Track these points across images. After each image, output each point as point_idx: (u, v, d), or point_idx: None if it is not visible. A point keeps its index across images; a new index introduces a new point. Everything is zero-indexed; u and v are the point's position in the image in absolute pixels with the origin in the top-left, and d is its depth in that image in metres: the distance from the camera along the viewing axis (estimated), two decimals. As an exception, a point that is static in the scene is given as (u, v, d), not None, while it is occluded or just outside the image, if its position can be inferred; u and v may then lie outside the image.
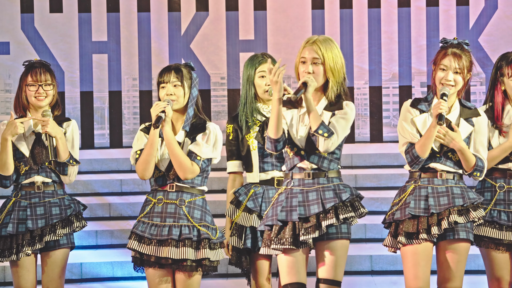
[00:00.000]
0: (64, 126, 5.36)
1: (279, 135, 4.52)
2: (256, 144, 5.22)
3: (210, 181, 5.05)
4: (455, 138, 4.73)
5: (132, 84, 8.44)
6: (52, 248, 5.27)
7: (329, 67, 4.57)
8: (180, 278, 4.84)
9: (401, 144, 4.82)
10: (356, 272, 7.43)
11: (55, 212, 5.24)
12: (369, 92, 8.35)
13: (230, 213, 5.25)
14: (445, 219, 4.72)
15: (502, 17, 8.13)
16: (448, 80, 4.78)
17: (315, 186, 4.62)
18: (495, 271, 5.14)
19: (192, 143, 4.87)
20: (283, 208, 4.61)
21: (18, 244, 5.21)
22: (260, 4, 8.26)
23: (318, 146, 4.54)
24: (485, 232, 5.10)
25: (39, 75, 5.29)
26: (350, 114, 4.60)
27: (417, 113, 4.83)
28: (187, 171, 4.81)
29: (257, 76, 5.23)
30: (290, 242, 4.56)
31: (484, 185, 5.20)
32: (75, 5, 8.21)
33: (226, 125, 5.30)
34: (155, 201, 4.89)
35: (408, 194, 4.84)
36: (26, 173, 5.28)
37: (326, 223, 4.55)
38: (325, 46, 4.59)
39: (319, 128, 4.50)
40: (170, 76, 4.87)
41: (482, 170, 4.81)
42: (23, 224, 5.22)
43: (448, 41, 4.87)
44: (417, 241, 4.74)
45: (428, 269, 4.78)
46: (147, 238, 4.82)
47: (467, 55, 4.83)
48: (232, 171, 5.30)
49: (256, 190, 5.22)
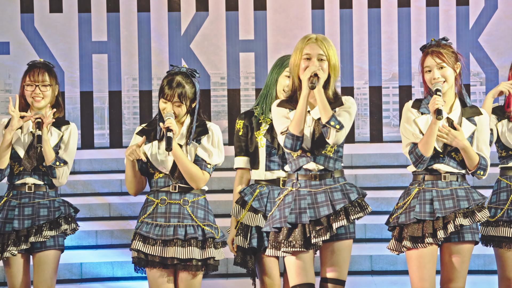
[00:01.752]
0: (62, 130, 5.34)
1: (302, 132, 4.51)
2: (265, 141, 5.22)
3: (210, 181, 5.04)
4: (457, 136, 4.72)
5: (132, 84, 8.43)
6: (38, 250, 5.25)
7: (333, 65, 4.57)
8: (184, 278, 4.84)
9: (405, 145, 4.81)
10: (356, 272, 7.43)
11: (43, 213, 5.23)
12: (369, 92, 8.35)
13: (236, 213, 5.24)
14: (451, 222, 4.71)
15: (502, 17, 8.13)
16: (435, 78, 4.77)
17: (322, 187, 4.61)
18: (507, 272, 5.14)
19: (199, 147, 4.85)
20: (292, 210, 4.59)
21: (3, 243, 5.21)
22: (260, 4, 8.26)
23: (329, 138, 4.50)
24: (504, 233, 5.08)
25: (37, 75, 5.28)
26: (352, 107, 4.59)
27: (418, 114, 4.82)
28: (199, 181, 4.82)
29: (283, 75, 5.22)
30: (301, 244, 4.56)
31: (500, 186, 5.20)
32: (75, 5, 8.21)
33: (237, 120, 5.28)
34: (158, 201, 4.89)
35: (412, 198, 4.82)
36: (19, 174, 5.27)
37: (337, 224, 4.55)
38: (327, 44, 4.59)
39: (331, 120, 4.48)
40: (174, 96, 4.81)
41: (485, 169, 4.80)
42: (10, 223, 5.22)
43: (426, 44, 4.88)
44: (422, 245, 4.73)
45: (433, 271, 4.78)
46: (152, 238, 4.81)
47: (447, 48, 4.81)
48: (240, 167, 5.29)
49: (262, 190, 5.22)
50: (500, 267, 5.16)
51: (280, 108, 4.66)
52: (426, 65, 4.80)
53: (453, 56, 4.79)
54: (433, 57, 4.77)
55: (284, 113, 4.64)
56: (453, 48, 4.81)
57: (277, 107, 4.68)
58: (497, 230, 5.08)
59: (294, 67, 4.60)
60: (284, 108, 4.65)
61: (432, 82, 4.79)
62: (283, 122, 4.61)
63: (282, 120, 4.62)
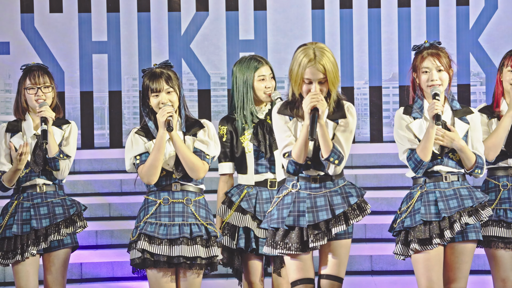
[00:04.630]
0: (63, 128, 5.36)
1: (304, 160, 4.54)
2: (251, 146, 5.21)
3: (210, 181, 5.05)
4: (454, 137, 4.73)
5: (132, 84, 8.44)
6: (55, 248, 5.27)
7: (331, 81, 4.56)
8: (187, 277, 4.84)
9: (402, 152, 4.82)
10: (356, 272, 7.43)
11: (58, 211, 5.26)
12: (369, 92, 8.36)
13: (222, 213, 5.25)
14: (457, 221, 4.72)
15: (502, 17, 8.14)
16: (434, 79, 4.79)
17: (322, 190, 4.62)
18: (501, 272, 5.13)
19: (196, 140, 4.87)
20: (291, 212, 4.60)
21: (22, 244, 5.23)
22: (260, 4, 8.26)
23: (328, 169, 4.55)
24: (493, 232, 5.09)
25: (37, 77, 5.29)
26: (352, 123, 4.60)
27: (411, 119, 4.84)
28: (200, 171, 4.82)
29: (256, 80, 5.21)
30: (297, 248, 4.56)
31: (488, 186, 5.20)
32: (75, 5, 8.22)
33: (219, 126, 5.26)
34: (161, 201, 4.89)
35: (416, 200, 4.82)
36: (26, 176, 5.28)
37: (336, 230, 4.56)
38: (326, 61, 4.54)
39: (330, 156, 4.52)
40: (162, 83, 4.83)
41: (482, 167, 4.81)
42: (27, 224, 5.23)
43: (420, 46, 4.88)
44: (430, 247, 4.74)
45: (440, 273, 4.78)
46: (158, 238, 4.81)
47: (444, 52, 4.84)
48: (225, 173, 5.29)
49: (250, 191, 5.22)
50: (493, 267, 5.16)
51: (280, 117, 4.64)
52: (426, 66, 4.80)
53: (449, 61, 4.82)
54: (433, 59, 4.79)
55: (284, 123, 4.63)
56: (448, 53, 4.85)
57: (278, 114, 4.66)
58: (486, 229, 5.09)
59: (294, 82, 4.57)
60: (284, 116, 4.64)
61: (429, 84, 4.79)
62: (284, 136, 4.61)
63: (283, 135, 4.61)
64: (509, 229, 5.08)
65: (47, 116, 5.17)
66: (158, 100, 4.83)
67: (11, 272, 7.18)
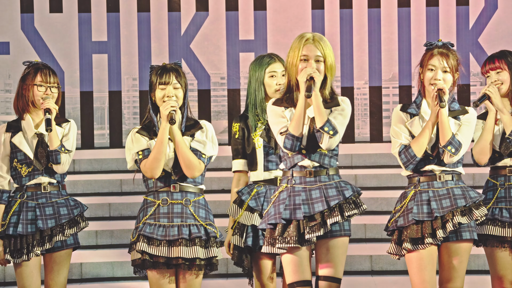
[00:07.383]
0: (63, 125, 5.37)
1: (302, 133, 4.53)
2: (262, 142, 5.23)
3: (210, 181, 5.06)
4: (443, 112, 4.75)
5: (132, 84, 8.44)
6: (58, 249, 5.29)
7: (329, 65, 4.59)
8: (187, 277, 4.85)
9: (395, 147, 4.84)
10: (356, 272, 7.43)
11: (63, 212, 5.27)
12: (369, 92, 8.36)
13: (233, 213, 5.25)
14: (449, 221, 4.72)
15: (502, 17, 8.14)
16: (437, 79, 4.79)
17: (317, 184, 4.63)
18: (498, 270, 5.15)
19: (193, 140, 4.88)
20: (287, 206, 4.61)
21: (28, 244, 5.24)
22: (260, 4, 8.26)
23: (322, 143, 4.54)
24: (488, 231, 5.11)
25: (49, 76, 5.34)
26: (347, 110, 4.61)
27: (408, 118, 4.85)
28: (195, 169, 4.83)
29: (267, 76, 5.25)
30: (295, 240, 4.57)
31: (488, 185, 5.22)
32: (75, 5, 8.22)
33: (233, 124, 5.30)
34: (159, 202, 4.89)
35: (409, 200, 4.83)
36: (29, 174, 5.29)
37: (331, 220, 4.56)
38: (324, 44, 4.61)
39: (325, 125, 4.51)
40: (171, 77, 4.87)
41: (458, 148, 4.77)
42: (32, 224, 5.25)
43: (433, 43, 4.88)
44: (422, 246, 4.74)
45: (434, 272, 4.78)
46: (156, 239, 4.81)
47: (454, 54, 4.85)
48: (238, 170, 5.31)
49: (259, 190, 5.23)
50: (491, 265, 5.18)
51: (275, 107, 4.67)
52: (432, 64, 4.81)
53: (456, 65, 4.82)
54: (441, 59, 4.79)
55: (279, 112, 4.65)
56: (458, 57, 4.85)
57: (273, 105, 4.69)
58: (482, 228, 5.10)
59: (291, 67, 4.61)
60: (279, 107, 4.66)
61: (431, 82, 4.80)
62: (280, 121, 4.62)
63: (278, 120, 4.63)
64: (504, 228, 5.09)
65: (51, 108, 5.20)
66: (164, 93, 4.85)
67: (11, 272, 7.18)
